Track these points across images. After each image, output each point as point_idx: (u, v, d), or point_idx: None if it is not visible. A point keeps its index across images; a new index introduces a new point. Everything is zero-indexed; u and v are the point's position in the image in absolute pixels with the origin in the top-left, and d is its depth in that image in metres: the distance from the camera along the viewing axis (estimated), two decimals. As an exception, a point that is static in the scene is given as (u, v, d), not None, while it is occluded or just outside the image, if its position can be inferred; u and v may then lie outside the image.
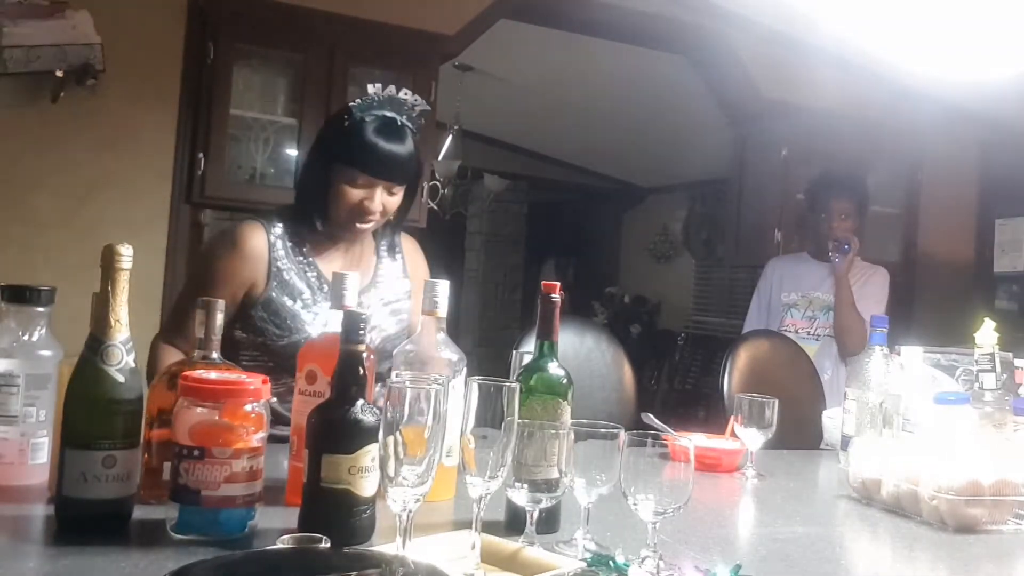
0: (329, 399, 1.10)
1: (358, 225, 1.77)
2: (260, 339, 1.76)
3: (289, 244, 1.79)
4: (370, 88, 1.70)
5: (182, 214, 3.24)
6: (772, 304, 3.29)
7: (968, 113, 4.28)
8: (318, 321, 1.74)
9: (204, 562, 0.92)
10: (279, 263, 1.77)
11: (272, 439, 1.29)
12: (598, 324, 4.00)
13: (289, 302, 1.76)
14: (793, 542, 1.35)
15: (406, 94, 1.74)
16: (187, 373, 1.12)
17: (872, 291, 3.17)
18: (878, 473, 1.56)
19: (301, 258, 1.80)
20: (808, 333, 3.19)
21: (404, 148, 1.72)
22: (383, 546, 1.02)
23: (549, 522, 1.19)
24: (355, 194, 1.73)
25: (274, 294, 1.75)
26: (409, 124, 1.73)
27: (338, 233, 1.82)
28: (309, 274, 1.80)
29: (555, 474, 1.12)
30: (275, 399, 1.66)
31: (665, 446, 1.17)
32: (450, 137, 5.66)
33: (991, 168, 4.53)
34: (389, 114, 1.72)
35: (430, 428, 0.98)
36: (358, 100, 1.71)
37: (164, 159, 3.20)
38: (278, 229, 1.79)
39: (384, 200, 1.76)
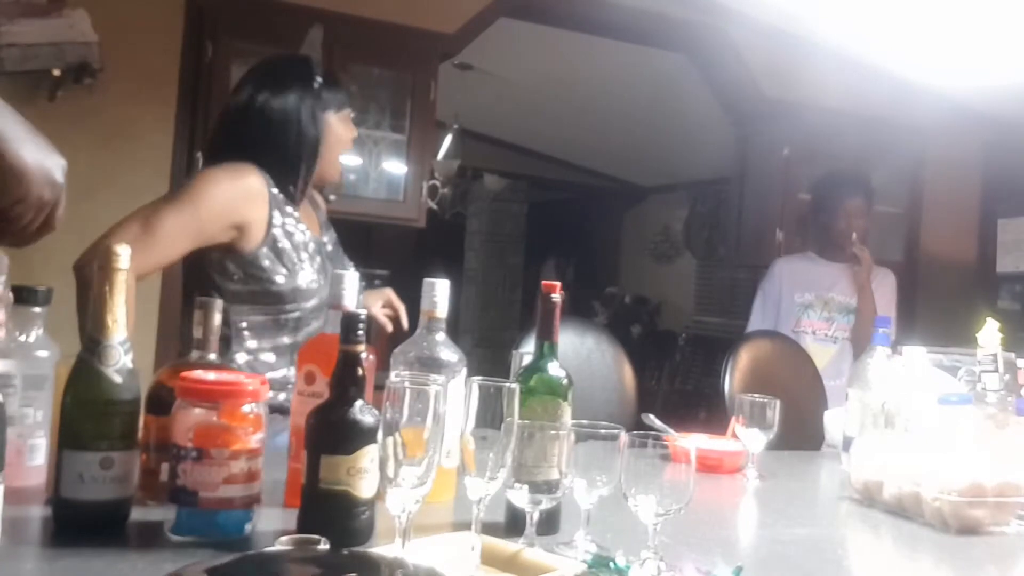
0: (328, 400, 1.09)
1: (345, 162, 1.94)
2: (260, 287, 1.73)
3: (277, 191, 1.80)
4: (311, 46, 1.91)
5: (181, 213, 3.23)
6: (782, 305, 3.26)
7: (971, 112, 4.27)
8: (312, 264, 1.79)
9: (202, 563, 0.91)
10: (279, 205, 1.77)
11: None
12: (598, 324, 3.99)
13: (291, 243, 1.77)
14: (795, 544, 1.34)
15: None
16: (185, 374, 1.11)
17: (882, 296, 3.15)
18: (880, 475, 1.55)
19: (288, 207, 1.81)
20: (826, 335, 3.16)
21: None
22: (382, 547, 1.01)
23: (549, 523, 1.18)
24: (349, 131, 1.89)
25: (277, 232, 1.75)
26: None
27: (316, 182, 1.89)
28: (297, 217, 1.82)
29: (555, 475, 1.12)
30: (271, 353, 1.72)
31: (666, 447, 1.17)
32: (449, 136, 5.65)
33: (994, 167, 4.52)
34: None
35: (429, 429, 0.97)
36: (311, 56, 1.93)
37: (162, 158, 3.20)
38: (269, 178, 1.78)
39: None
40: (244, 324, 1.74)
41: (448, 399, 1.02)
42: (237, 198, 1.71)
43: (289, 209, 1.80)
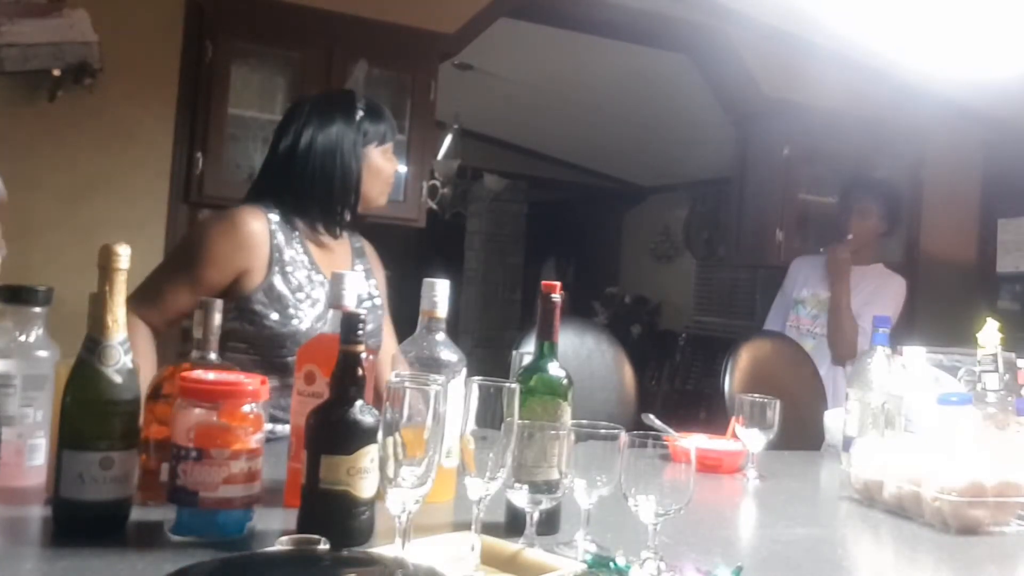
0: (328, 400, 1.09)
1: (386, 196, 1.93)
2: (254, 328, 1.73)
3: (285, 231, 1.80)
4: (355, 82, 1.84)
5: (180, 214, 3.23)
6: (788, 302, 3.32)
7: (971, 111, 4.27)
8: (313, 310, 1.76)
9: (202, 564, 0.91)
10: (280, 248, 1.77)
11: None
12: (598, 324, 3.99)
13: (289, 288, 1.76)
14: (795, 544, 1.34)
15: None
16: (185, 374, 1.11)
17: (885, 299, 3.15)
18: (880, 474, 1.55)
19: (297, 245, 1.81)
20: (808, 330, 3.18)
21: None
22: (382, 547, 1.01)
23: (549, 524, 1.18)
24: (391, 164, 1.90)
25: (276, 279, 1.75)
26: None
27: (347, 219, 1.88)
28: (304, 261, 1.80)
29: (555, 475, 1.11)
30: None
31: (666, 447, 1.17)
32: (449, 136, 5.65)
33: (994, 167, 4.51)
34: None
35: (429, 429, 0.97)
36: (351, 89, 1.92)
37: (162, 158, 3.19)
38: (275, 216, 1.79)
39: None
40: (230, 357, 1.73)
41: (448, 399, 1.02)
42: (234, 250, 1.73)
43: (299, 248, 1.80)
